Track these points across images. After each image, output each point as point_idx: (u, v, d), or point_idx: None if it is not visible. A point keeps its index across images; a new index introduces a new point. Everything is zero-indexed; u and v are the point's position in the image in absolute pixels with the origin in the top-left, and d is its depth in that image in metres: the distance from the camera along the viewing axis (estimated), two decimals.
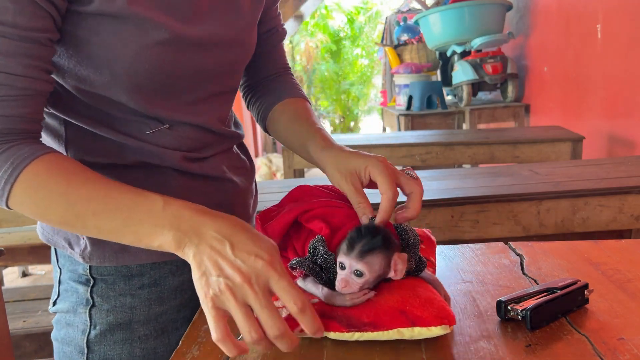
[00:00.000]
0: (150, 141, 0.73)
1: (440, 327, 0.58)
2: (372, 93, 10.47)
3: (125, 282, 0.77)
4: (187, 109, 0.75)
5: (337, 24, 10.29)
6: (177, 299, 0.80)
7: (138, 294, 0.77)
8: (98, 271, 0.76)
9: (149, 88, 0.69)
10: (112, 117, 0.71)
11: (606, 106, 2.79)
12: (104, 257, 0.75)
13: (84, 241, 0.74)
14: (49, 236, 0.79)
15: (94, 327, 0.76)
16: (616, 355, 0.56)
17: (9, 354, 1.28)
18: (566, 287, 0.67)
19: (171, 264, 0.79)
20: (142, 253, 0.75)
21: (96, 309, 0.76)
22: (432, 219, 1.57)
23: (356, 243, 0.61)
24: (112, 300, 0.76)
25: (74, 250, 0.75)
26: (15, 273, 3.84)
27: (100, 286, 0.76)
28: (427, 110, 3.62)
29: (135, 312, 0.77)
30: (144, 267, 0.77)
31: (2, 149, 0.61)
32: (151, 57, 0.66)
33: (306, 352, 0.60)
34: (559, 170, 1.83)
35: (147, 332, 0.78)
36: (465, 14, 3.47)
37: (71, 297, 0.78)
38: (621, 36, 2.62)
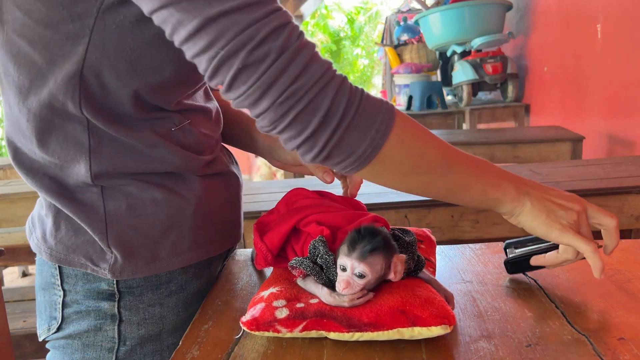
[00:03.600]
0: (175, 141, 0.70)
1: (440, 327, 0.58)
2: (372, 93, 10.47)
3: (153, 292, 0.74)
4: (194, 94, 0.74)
5: (337, 24, 10.29)
6: (198, 303, 0.78)
7: (166, 302, 0.75)
8: (126, 284, 0.72)
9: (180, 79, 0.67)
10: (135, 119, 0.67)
11: (606, 106, 2.79)
12: (136, 269, 0.71)
13: (113, 255, 0.70)
14: (60, 257, 0.72)
15: (123, 344, 0.73)
16: (616, 355, 0.56)
17: (9, 354, 1.28)
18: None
19: (195, 267, 0.77)
20: (172, 259, 0.73)
21: (125, 324, 0.73)
22: (432, 219, 1.56)
23: (357, 244, 0.61)
24: (141, 312, 0.74)
25: (98, 267, 0.71)
26: (15, 273, 3.84)
27: (127, 299, 0.73)
28: (427, 110, 3.62)
29: (166, 322, 0.75)
30: (173, 273, 0.75)
31: (358, 95, 0.57)
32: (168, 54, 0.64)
33: (306, 352, 0.60)
34: (559, 170, 1.83)
35: (175, 341, 0.74)
36: (465, 14, 3.47)
37: (87, 317, 0.73)
38: (621, 36, 2.62)
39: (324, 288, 0.63)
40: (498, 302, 0.70)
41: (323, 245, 0.65)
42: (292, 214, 0.74)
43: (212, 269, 0.82)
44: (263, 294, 0.66)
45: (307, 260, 0.65)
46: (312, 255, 0.65)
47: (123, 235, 0.70)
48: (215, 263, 0.83)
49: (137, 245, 0.70)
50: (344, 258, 0.61)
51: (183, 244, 0.73)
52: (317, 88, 0.54)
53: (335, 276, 0.63)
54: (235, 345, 0.63)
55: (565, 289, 0.72)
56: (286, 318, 0.61)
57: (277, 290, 0.65)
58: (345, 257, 0.61)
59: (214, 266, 0.82)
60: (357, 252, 0.60)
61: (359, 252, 0.60)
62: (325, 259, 0.64)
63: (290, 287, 0.66)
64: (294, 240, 0.73)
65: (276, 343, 0.62)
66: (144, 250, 0.71)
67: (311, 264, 0.64)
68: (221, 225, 0.79)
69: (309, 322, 0.60)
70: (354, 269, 0.61)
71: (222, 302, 0.75)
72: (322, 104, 0.54)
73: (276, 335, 0.61)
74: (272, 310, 0.62)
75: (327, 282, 0.64)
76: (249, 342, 0.63)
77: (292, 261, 0.66)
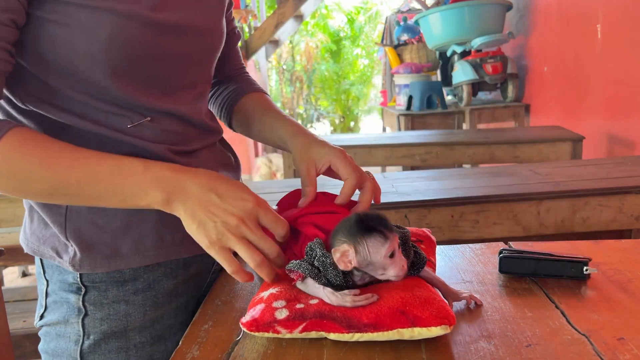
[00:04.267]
0: (133, 134, 0.72)
1: (440, 327, 0.58)
2: (372, 93, 10.47)
3: (118, 288, 0.74)
4: (167, 97, 0.75)
5: (337, 24, 10.28)
6: (172, 303, 0.78)
7: (132, 300, 0.75)
8: (89, 278, 0.74)
9: (128, 72, 0.69)
10: (93, 110, 0.70)
11: (606, 106, 2.79)
12: (94, 263, 0.72)
13: (73, 248, 0.72)
14: (34, 247, 0.76)
15: (87, 337, 0.74)
16: (616, 355, 0.56)
17: (9, 354, 1.28)
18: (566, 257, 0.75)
19: (165, 266, 0.77)
20: (134, 257, 0.74)
21: (89, 318, 0.74)
22: (432, 219, 1.56)
23: (383, 225, 0.61)
24: (106, 308, 0.74)
25: (62, 259, 0.73)
26: (15, 273, 3.83)
27: (92, 294, 0.74)
28: (427, 110, 3.62)
29: (130, 319, 0.75)
30: (137, 270, 0.75)
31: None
32: (127, 39, 0.66)
33: (306, 352, 0.60)
34: (559, 170, 1.83)
35: (143, 340, 0.76)
36: (465, 14, 3.47)
37: (61, 308, 0.75)
38: (621, 36, 2.62)
39: (325, 288, 0.63)
40: (498, 302, 0.70)
41: (320, 247, 0.64)
42: (288, 214, 0.74)
43: (191, 270, 0.81)
44: (263, 294, 0.66)
45: (305, 263, 0.65)
46: (309, 258, 0.65)
47: (82, 229, 0.72)
48: (196, 265, 0.81)
49: (95, 240, 0.72)
50: (385, 243, 0.60)
51: (146, 243, 0.74)
52: None
53: (333, 277, 0.63)
54: (235, 345, 0.63)
55: (565, 289, 0.72)
56: (286, 319, 0.61)
57: (277, 291, 0.65)
58: (383, 242, 0.60)
59: (194, 267, 0.81)
60: (389, 229, 0.61)
61: (389, 227, 0.61)
62: (323, 261, 0.63)
63: (290, 288, 0.66)
64: (293, 242, 0.72)
65: (276, 343, 0.62)
66: (102, 246, 0.72)
67: (309, 266, 0.64)
68: None
69: (309, 322, 0.60)
70: (396, 246, 0.61)
71: (222, 302, 0.75)
72: None
73: (276, 336, 0.61)
74: (272, 311, 0.62)
75: (326, 284, 0.64)
76: (249, 342, 0.63)
77: (290, 264, 0.66)
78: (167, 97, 0.75)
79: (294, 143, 0.82)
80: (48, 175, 0.63)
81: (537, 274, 0.76)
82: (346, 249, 0.61)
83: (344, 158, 0.77)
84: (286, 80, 10.07)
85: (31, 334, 1.81)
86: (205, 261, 0.83)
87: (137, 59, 0.69)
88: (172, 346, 0.76)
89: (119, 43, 0.66)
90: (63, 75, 0.67)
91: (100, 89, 0.69)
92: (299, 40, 10.12)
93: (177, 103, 0.76)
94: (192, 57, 0.77)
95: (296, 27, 6.05)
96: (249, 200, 0.64)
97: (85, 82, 0.68)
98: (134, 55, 0.68)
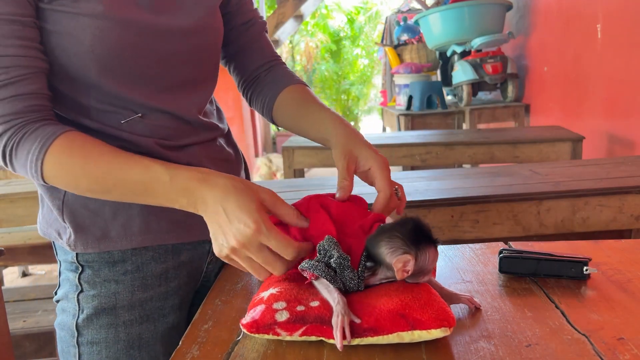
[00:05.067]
0: (125, 129, 0.77)
1: (440, 330, 0.58)
2: (372, 93, 10.47)
3: (109, 269, 0.80)
4: (160, 95, 0.78)
5: (337, 24, 10.28)
6: (161, 286, 0.83)
7: (122, 280, 0.81)
8: (84, 258, 0.80)
9: (117, 71, 0.73)
10: (89, 107, 0.75)
11: (606, 106, 2.79)
12: (87, 243, 0.78)
13: (69, 230, 0.78)
14: (44, 230, 0.83)
15: (81, 312, 0.80)
16: (616, 355, 0.56)
17: (9, 354, 1.28)
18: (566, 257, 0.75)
19: (153, 251, 0.82)
20: (122, 240, 0.79)
21: (83, 295, 0.80)
22: (432, 219, 1.56)
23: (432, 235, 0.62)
24: (98, 286, 0.80)
25: (62, 240, 0.80)
26: (15, 273, 3.84)
27: (87, 273, 0.80)
28: (427, 110, 3.62)
29: (119, 298, 0.80)
30: (124, 253, 0.80)
31: (32, 129, 0.68)
32: (111, 40, 0.71)
33: (306, 352, 0.60)
34: (559, 170, 1.83)
35: (132, 318, 0.81)
36: (465, 14, 3.47)
37: (65, 284, 0.83)
38: (621, 36, 2.62)
39: (338, 303, 0.60)
40: (498, 302, 0.70)
41: (336, 248, 0.64)
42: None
43: (182, 257, 0.84)
44: (263, 294, 0.65)
45: (320, 264, 0.64)
46: (323, 257, 0.65)
47: (76, 212, 0.78)
48: (188, 252, 0.85)
49: (88, 222, 0.78)
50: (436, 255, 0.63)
51: (132, 227, 0.79)
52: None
53: (349, 280, 0.63)
54: (235, 345, 0.63)
55: (565, 289, 0.72)
56: (286, 321, 0.60)
57: (277, 291, 0.65)
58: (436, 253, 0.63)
59: (185, 255, 0.84)
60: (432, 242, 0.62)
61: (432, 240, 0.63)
62: (340, 263, 0.63)
63: (291, 288, 0.66)
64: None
65: (276, 343, 0.62)
66: (94, 228, 0.78)
67: (325, 267, 0.63)
68: (179, 215, 0.78)
69: (309, 327, 0.60)
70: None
71: (222, 302, 0.75)
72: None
73: (276, 337, 0.61)
74: (272, 313, 0.61)
75: (341, 287, 0.63)
76: (249, 342, 0.63)
77: (304, 263, 0.65)
78: (158, 95, 0.78)
79: (337, 132, 0.80)
80: (90, 177, 0.69)
81: (537, 274, 0.76)
82: (408, 259, 0.60)
83: (386, 169, 0.77)
84: None
85: (31, 334, 1.81)
86: (198, 250, 0.86)
87: (121, 58, 0.72)
88: (162, 327, 0.82)
89: (101, 45, 0.70)
90: (60, 76, 0.73)
91: (94, 87, 0.74)
92: (299, 40, 10.12)
93: (169, 101, 0.79)
94: (182, 56, 0.78)
95: (296, 27, 6.05)
96: (249, 226, 0.63)
97: (79, 82, 0.73)
98: (117, 54, 0.72)
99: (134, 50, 0.73)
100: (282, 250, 0.64)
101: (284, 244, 0.64)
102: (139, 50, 0.74)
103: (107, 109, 0.76)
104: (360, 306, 0.61)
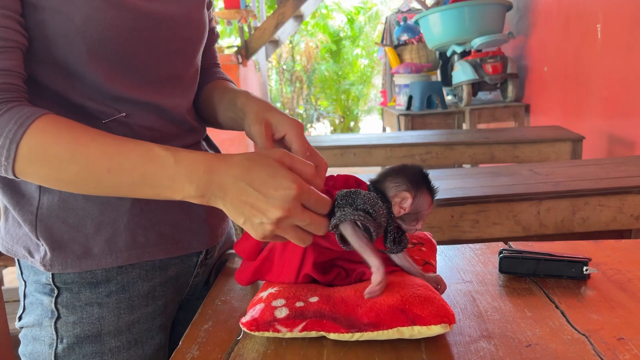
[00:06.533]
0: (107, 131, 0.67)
1: (440, 326, 0.58)
2: (372, 93, 10.47)
3: (91, 290, 0.72)
4: (147, 87, 0.72)
5: (337, 24, 10.28)
6: (149, 306, 0.76)
7: (106, 303, 0.73)
8: (61, 279, 0.72)
9: (107, 58, 0.67)
10: (68, 101, 0.68)
11: (606, 106, 2.79)
12: (65, 263, 0.70)
13: (44, 248, 0.70)
14: (8, 246, 0.74)
15: (60, 341, 0.72)
16: (616, 355, 0.56)
17: (9, 354, 1.27)
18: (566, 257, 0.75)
19: (140, 268, 0.75)
20: (106, 257, 0.72)
21: (62, 321, 0.72)
22: (432, 219, 1.56)
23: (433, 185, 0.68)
24: (79, 310, 0.72)
25: (34, 259, 0.71)
26: (15, 273, 3.83)
27: (65, 296, 0.72)
28: (427, 110, 3.62)
29: (104, 323, 0.73)
30: (109, 272, 0.73)
31: (3, 109, 0.59)
32: (101, 21, 0.64)
33: (306, 352, 0.60)
34: (559, 170, 1.83)
35: (119, 344, 0.74)
36: (465, 14, 3.47)
37: (36, 309, 0.74)
38: (621, 36, 2.62)
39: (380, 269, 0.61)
40: (498, 302, 0.70)
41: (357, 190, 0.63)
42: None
43: (169, 272, 0.78)
44: (262, 294, 0.66)
45: (349, 209, 0.61)
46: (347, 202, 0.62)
47: (52, 227, 0.70)
48: (175, 267, 0.79)
49: (67, 239, 0.70)
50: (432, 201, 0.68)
51: (118, 243, 0.72)
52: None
53: (380, 215, 0.63)
54: (235, 345, 0.63)
55: (565, 289, 0.72)
56: (286, 318, 0.61)
57: (276, 290, 0.66)
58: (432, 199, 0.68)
59: (172, 270, 0.79)
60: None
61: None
62: (369, 198, 0.62)
63: (289, 287, 0.66)
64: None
65: (276, 343, 0.62)
66: (74, 245, 0.70)
67: (355, 211, 0.61)
68: (167, 227, 0.75)
69: (309, 322, 0.60)
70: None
71: (222, 302, 0.75)
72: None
73: (276, 335, 0.61)
74: (271, 310, 0.62)
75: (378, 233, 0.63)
76: (249, 342, 0.63)
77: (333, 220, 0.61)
78: (148, 88, 0.73)
79: (249, 103, 0.76)
80: (81, 163, 0.60)
81: (537, 274, 0.75)
82: (407, 196, 0.65)
83: (301, 133, 0.72)
84: (286, 80, 10.07)
85: None
86: (185, 263, 0.81)
87: (112, 42, 0.66)
88: (151, 350, 0.76)
89: (94, 27, 0.64)
90: (37, 60, 0.65)
91: (76, 76, 0.66)
92: (299, 40, 10.12)
93: (158, 95, 0.74)
94: (170, 46, 0.74)
95: (296, 27, 6.05)
96: (291, 188, 0.57)
97: (60, 68, 0.66)
98: (109, 38, 0.65)
99: (127, 35, 0.67)
100: (320, 204, 0.60)
101: (322, 198, 0.60)
102: (130, 36, 0.67)
103: (88, 104, 0.68)
104: (362, 301, 0.61)
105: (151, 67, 0.73)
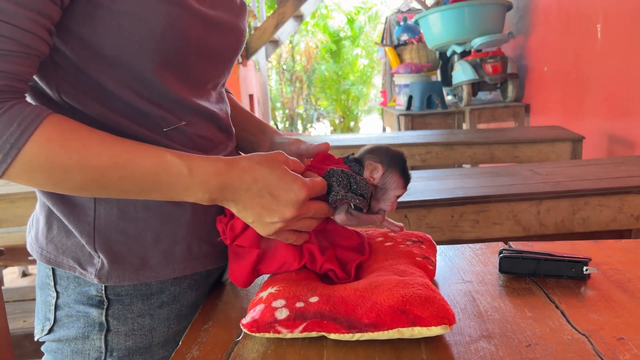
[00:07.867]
0: (166, 137, 0.69)
1: (440, 327, 0.58)
2: (372, 93, 10.47)
3: (143, 302, 0.71)
4: (205, 95, 0.75)
5: (337, 24, 10.29)
6: (192, 315, 0.75)
7: (157, 314, 0.72)
8: (114, 291, 0.70)
9: (174, 65, 0.67)
10: (132, 108, 0.67)
11: (606, 106, 2.79)
12: (123, 275, 0.69)
13: (100, 259, 0.68)
14: (50, 257, 0.71)
15: (110, 354, 0.71)
16: (616, 355, 0.56)
17: (9, 354, 1.28)
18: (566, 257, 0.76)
19: (190, 278, 0.75)
20: (163, 268, 0.71)
21: (112, 334, 0.71)
22: (432, 219, 1.56)
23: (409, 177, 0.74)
24: (130, 322, 0.71)
25: (86, 271, 0.69)
26: (15, 273, 3.83)
27: (116, 308, 0.70)
28: (427, 110, 3.62)
29: (155, 334, 0.72)
30: (164, 283, 0.72)
31: (2, 107, 0.56)
32: (179, 30, 0.65)
33: (306, 352, 0.60)
34: (559, 170, 1.83)
35: (167, 354, 0.73)
36: (465, 14, 3.47)
37: (77, 322, 0.71)
38: (621, 36, 2.62)
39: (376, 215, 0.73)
40: (498, 302, 0.70)
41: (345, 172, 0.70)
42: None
43: (210, 281, 0.79)
44: (262, 295, 0.66)
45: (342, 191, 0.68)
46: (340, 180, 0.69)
47: (111, 239, 0.68)
48: (214, 275, 0.80)
49: (125, 251, 0.69)
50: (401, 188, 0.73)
51: (175, 254, 0.71)
52: None
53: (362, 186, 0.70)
54: (235, 345, 0.63)
55: (565, 289, 0.72)
56: (286, 319, 0.61)
57: (276, 290, 0.65)
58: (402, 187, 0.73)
59: (212, 278, 0.80)
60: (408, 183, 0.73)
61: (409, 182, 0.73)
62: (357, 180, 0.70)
63: (289, 286, 0.66)
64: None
65: (276, 343, 0.62)
66: (132, 257, 0.69)
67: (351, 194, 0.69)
68: (215, 236, 0.75)
69: (310, 322, 0.60)
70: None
71: (222, 302, 0.75)
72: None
73: (277, 336, 0.61)
74: (272, 311, 0.62)
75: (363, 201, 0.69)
76: (249, 342, 0.63)
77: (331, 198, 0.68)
78: (206, 95, 0.75)
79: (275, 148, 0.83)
80: (88, 171, 0.59)
81: (537, 274, 0.76)
82: (379, 167, 0.72)
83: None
84: (286, 80, 10.07)
85: (31, 333, 1.81)
86: (221, 271, 0.82)
87: (184, 51, 0.67)
88: None
89: (172, 34, 0.64)
90: (106, 64, 0.64)
91: (143, 81, 0.66)
92: (299, 40, 10.12)
93: (214, 103, 0.77)
94: (225, 54, 0.75)
95: (296, 27, 6.06)
96: (301, 190, 0.63)
97: (128, 74, 0.65)
98: (183, 47, 0.66)
99: (196, 42, 0.68)
100: (319, 192, 0.67)
101: (319, 185, 0.67)
102: (200, 44, 0.68)
103: (153, 111, 0.68)
104: (362, 301, 0.62)
105: (208, 74, 0.74)
